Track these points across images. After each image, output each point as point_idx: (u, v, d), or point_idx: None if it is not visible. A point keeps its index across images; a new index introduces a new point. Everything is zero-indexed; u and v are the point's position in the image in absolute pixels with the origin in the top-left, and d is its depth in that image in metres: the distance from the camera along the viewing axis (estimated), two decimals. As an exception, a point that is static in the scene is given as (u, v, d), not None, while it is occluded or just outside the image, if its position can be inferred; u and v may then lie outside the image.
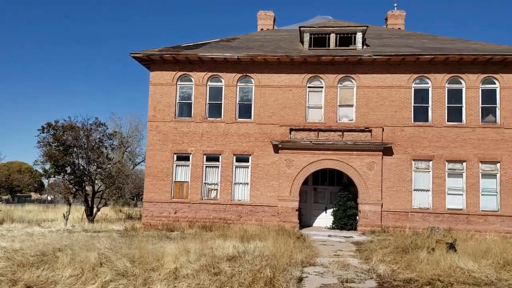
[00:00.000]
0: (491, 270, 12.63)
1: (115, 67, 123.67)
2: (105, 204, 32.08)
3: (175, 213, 24.25)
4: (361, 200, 23.24)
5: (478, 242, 16.66)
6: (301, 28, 25.52)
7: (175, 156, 24.78)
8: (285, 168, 23.69)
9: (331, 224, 24.51)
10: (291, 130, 23.83)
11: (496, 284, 11.15)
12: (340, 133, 23.62)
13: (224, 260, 12.83)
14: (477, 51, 23.42)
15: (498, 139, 23.06)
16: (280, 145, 23.69)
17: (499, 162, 22.95)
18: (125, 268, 11.61)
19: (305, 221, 25.16)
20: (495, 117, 23.40)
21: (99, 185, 30.83)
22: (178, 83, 25.17)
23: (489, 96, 23.51)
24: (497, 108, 23.35)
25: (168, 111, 24.96)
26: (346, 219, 23.92)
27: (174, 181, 24.65)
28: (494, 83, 23.45)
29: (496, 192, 22.93)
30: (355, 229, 23.56)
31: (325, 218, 25.48)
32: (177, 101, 25.12)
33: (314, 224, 25.54)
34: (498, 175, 23.00)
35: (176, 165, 24.79)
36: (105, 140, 29.79)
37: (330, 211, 25.17)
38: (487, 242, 17.11)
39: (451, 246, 14.92)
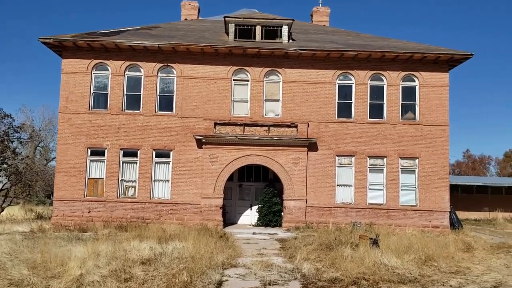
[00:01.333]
0: (414, 266, 12.55)
1: (27, 54, 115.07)
2: (11, 203, 29.24)
3: (89, 212, 22.44)
4: (286, 196, 22.86)
5: (400, 237, 16.73)
6: (226, 19, 24.63)
7: (89, 151, 22.93)
8: (209, 164, 22.72)
9: (256, 221, 23.93)
10: (215, 124, 22.91)
11: (419, 281, 10.98)
12: (266, 128, 23.07)
13: (137, 263, 11.64)
14: (398, 49, 23.85)
15: (417, 136, 23.65)
16: (204, 140, 22.69)
17: (418, 158, 23.56)
18: (21, 277, 10.09)
19: (229, 218, 24.36)
20: (415, 114, 23.98)
21: (4, 182, 28.00)
22: (93, 72, 23.31)
23: (409, 94, 24.06)
24: (416, 106, 23.93)
25: (81, 102, 23.03)
26: (271, 216, 23.44)
27: (88, 178, 22.82)
28: (414, 81, 24.02)
29: (415, 187, 23.53)
30: (280, 225, 23.15)
31: (250, 215, 24.86)
32: (92, 91, 23.26)
33: (239, 222, 24.84)
34: (416, 171, 23.59)
35: (90, 161, 22.94)
36: (11, 133, 27.08)
37: (255, 208, 24.58)
38: (408, 237, 17.26)
39: (375, 242, 14.79)
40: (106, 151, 22.92)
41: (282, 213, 23.27)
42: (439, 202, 23.37)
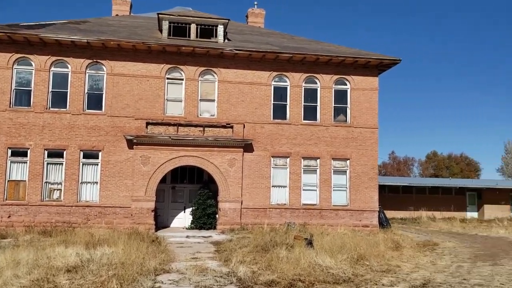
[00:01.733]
0: (347, 265, 12.72)
1: None
2: None
3: (9, 217, 20.86)
4: (221, 198, 22.56)
5: (333, 237, 16.99)
6: (160, 15, 23.93)
7: (9, 151, 21.31)
8: (140, 165, 21.91)
9: (190, 224, 23.39)
10: (148, 124, 22.14)
11: (353, 280, 11.11)
12: (201, 129, 22.64)
13: (63, 271, 10.84)
14: (331, 53, 24.34)
15: (348, 138, 24.25)
16: (135, 140, 21.85)
17: (349, 159, 24.15)
18: None
19: (162, 222, 23.65)
20: (346, 116, 24.58)
21: None
22: (14, 67, 21.72)
23: (341, 97, 24.61)
24: (348, 108, 24.53)
25: (1, 98, 21.38)
26: (205, 218, 23.02)
27: (8, 180, 21.21)
28: (346, 84, 24.62)
29: (346, 187, 24.10)
30: (215, 228, 22.80)
31: (184, 218, 24.28)
32: (13, 87, 21.67)
33: (172, 225, 24.17)
34: (348, 172, 24.18)
35: (11, 162, 21.34)
36: None
37: (189, 210, 24.03)
38: (341, 236, 17.58)
39: (309, 242, 14.88)
40: (29, 151, 21.41)
41: (217, 215, 22.94)
42: (369, 202, 24.10)
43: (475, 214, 43.86)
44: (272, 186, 23.35)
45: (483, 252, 17.60)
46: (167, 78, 23.01)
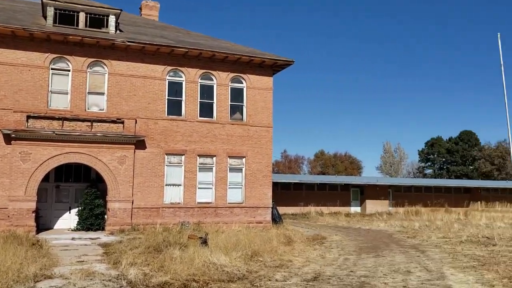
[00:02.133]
0: (242, 262, 12.72)
1: None
2: None
3: None
4: (111, 197, 21.39)
5: (228, 235, 16.95)
6: (44, 1, 22.00)
7: None
8: (19, 162, 19.97)
9: (76, 225, 21.86)
10: (28, 117, 20.26)
11: (248, 277, 11.09)
12: (89, 124, 21.24)
13: None
14: (228, 50, 24.32)
15: (244, 136, 24.41)
16: (13, 135, 19.85)
17: (245, 157, 24.33)
18: None
19: (44, 223, 21.80)
20: (242, 115, 24.73)
21: None
22: None
23: (237, 95, 24.70)
24: (244, 107, 24.69)
25: None
26: (93, 219, 21.67)
27: None
28: (242, 83, 24.76)
29: (242, 185, 24.25)
30: (103, 229, 21.55)
31: (69, 219, 22.62)
32: None
33: (56, 227, 22.41)
34: (243, 169, 24.34)
35: None
36: None
37: (75, 210, 22.45)
38: (236, 234, 17.60)
39: (204, 241, 14.64)
40: None
41: (106, 216, 21.72)
42: (263, 199, 24.51)
43: (358, 209, 46.97)
44: (166, 185, 22.69)
45: (367, 245, 18.75)
46: (52, 69, 21.25)
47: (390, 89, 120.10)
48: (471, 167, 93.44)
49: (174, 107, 23.32)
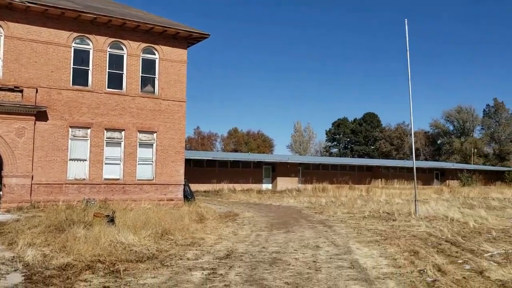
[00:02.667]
0: (151, 241, 12.24)
1: None
2: None
3: None
4: (7, 173, 19.61)
5: (137, 213, 16.28)
6: None
7: None
8: None
9: (-36, 203, 19.81)
10: None
11: (157, 257, 10.66)
12: (-19, 91, 19.15)
13: None
14: (140, 19, 23.08)
15: (155, 110, 23.51)
16: None
17: (156, 132, 23.49)
18: None
19: None
20: (154, 87, 23.75)
21: None
22: None
23: (149, 66, 23.64)
24: (156, 79, 23.72)
25: None
26: (-15, 196, 19.78)
27: None
28: (154, 54, 23.71)
29: (152, 161, 23.44)
30: (-2, 207, 19.77)
31: (-44, 196, 20.44)
32: None
33: None
34: (154, 145, 23.51)
35: None
36: None
37: (-37, 187, 20.31)
38: (146, 211, 16.98)
39: (111, 220, 13.89)
40: None
41: (1, 192, 19.91)
42: (175, 176, 23.93)
43: (269, 186, 47.98)
44: (70, 160, 21.27)
45: (277, 221, 19.07)
46: None
47: (303, 69, 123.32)
48: (373, 147, 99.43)
49: (80, 77, 21.76)
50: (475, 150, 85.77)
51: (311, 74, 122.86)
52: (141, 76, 23.28)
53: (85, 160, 21.65)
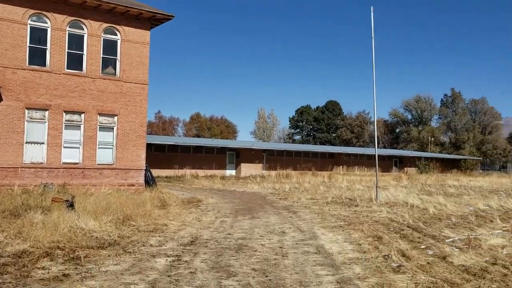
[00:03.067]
0: (113, 227, 11.88)
1: None
2: None
3: None
4: (-44, 155, 18.59)
5: (98, 198, 15.78)
6: None
7: None
8: None
9: None
10: None
11: (119, 243, 10.34)
12: None
13: None
14: (102, -2, 22.18)
15: (117, 92, 22.79)
16: None
17: (117, 115, 22.79)
18: None
19: None
20: (115, 69, 22.99)
21: None
22: None
23: (110, 47, 22.81)
24: (117, 61, 22.94)
25: None
26: None
27: None
28: (116, 35, 22.90)
29: (113, 145, 22.78)
30: None
31: None
32: None
33: None
34: (115, 129, 22.83)
35: None
36: None
37: None
38: (106, 197, 16.49)
39: (71, 205, 13.39)
40: None
41: (-49, 176, 18.90)
42: (136, 161, 23.37)
43: (233, 172, 47.83)
44: (26, 143, 20.36)
45: (242, 207, 18.96)
46: None
47: (267, 56, 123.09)
48: (334, 135, 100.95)
49: (38, 57, 20.77)
50: (432, 139, 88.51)
51: (275, 61, 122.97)
52: (102, 57, 22.47)
53: (43, 143, 20.78)
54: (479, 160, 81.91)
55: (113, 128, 22.77)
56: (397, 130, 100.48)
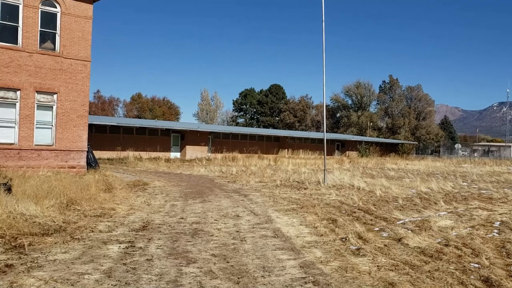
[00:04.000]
0: (56, 212, 11.12)
1: None
2: None
3: None
4: None
5: (39, 181, 14.76)
6: None
7: None
8: None
9: None
10: None
11: (66, 229, 9.67)
12: None
13: None
14: (39, -34, 20.60)
15: (56, 69, 21.43)
16: None
17: (57, 93, 21.48)
18: None
19: None
20: (55, 44, 21.57)
21: None
22: None
23: (49, 20, 21.35)
24: (57, 35, 21.53)
25: None
26: None
27: None
28: (56, 7, 21.44)
29: (52, 125, 21.49)
30: None
31: None
32: None
33: None
34: (54, 107, 21.53)
35: None
36: None
37: None
38: (46, 180, 15.48)
39: (8, 188, 12.40)
40: None
41: None
42: (77, 142, 22.22)
43: (178, 154, 46.93)
44: (-46, 121, 18.74)
45: (191, 190, 18.53)
46: None
47: (211, 37, 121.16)
48: (277, 118, 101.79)
49: (-34, 27, 19.05)
50: (371, 124, 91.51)
51: (219, 42, 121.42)
52: (40, 30, 20.98)
53: (-27, 122, 19.22)
54: (414, 145, 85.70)
55: (52, 107, 21.45)
56: (338, 115, 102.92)
